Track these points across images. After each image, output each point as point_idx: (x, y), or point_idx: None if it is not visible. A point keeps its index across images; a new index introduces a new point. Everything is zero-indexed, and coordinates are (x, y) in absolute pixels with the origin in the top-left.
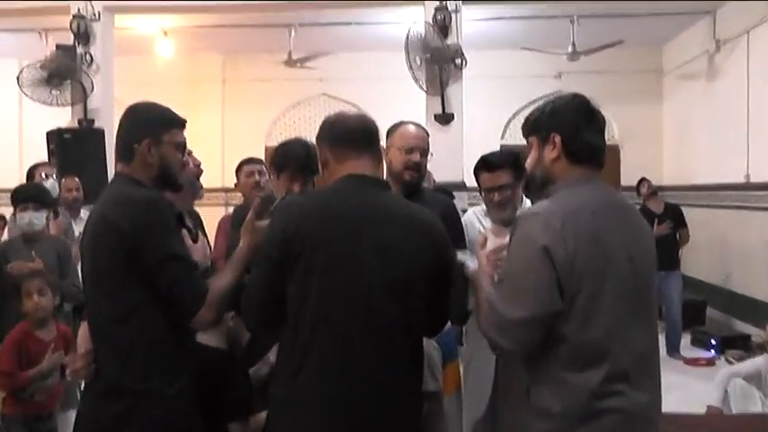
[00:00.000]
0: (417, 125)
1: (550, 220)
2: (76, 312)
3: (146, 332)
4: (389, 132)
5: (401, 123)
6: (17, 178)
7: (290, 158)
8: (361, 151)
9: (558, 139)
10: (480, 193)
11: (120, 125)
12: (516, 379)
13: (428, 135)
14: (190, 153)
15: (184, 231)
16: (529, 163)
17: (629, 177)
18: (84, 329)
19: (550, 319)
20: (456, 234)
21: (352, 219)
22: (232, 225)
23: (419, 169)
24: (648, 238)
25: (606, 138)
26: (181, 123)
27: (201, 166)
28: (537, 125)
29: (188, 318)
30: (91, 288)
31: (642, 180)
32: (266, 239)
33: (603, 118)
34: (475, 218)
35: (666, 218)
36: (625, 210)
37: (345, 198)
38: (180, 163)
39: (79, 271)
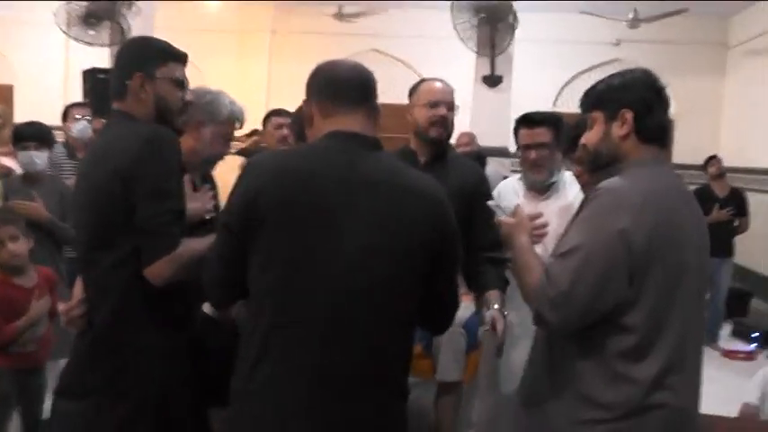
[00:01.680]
0: (442, 81)
1: (631, 198)
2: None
3: (141, 282)
4: (412, 91)
5: (423, 80)
6: (60, 117)
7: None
8: (351, 106)
9: (629, 115)
10: (518, 151)
11: (114, 61)
12: (561, 360)
13: (453, 90)
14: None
15: (186, 177)
16: (591, 138)
17: (681, 154)
18: (80, 280)
19: (611, 307)
20: (485, 205)
21: (329, 182)
22: None
23: (446, 125)
24: (706, 227)
25: None
26: (178, 57)
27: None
28: (604, 99)
29: (145, 263)
30: (85, 234)
31: (712, 158)
32: (227, 205)
33: (669, 97)
34: (511, 188)
35: (729, 203)
36: (691, 197)
37: (324, 158)
38: (178, 100)
39: None
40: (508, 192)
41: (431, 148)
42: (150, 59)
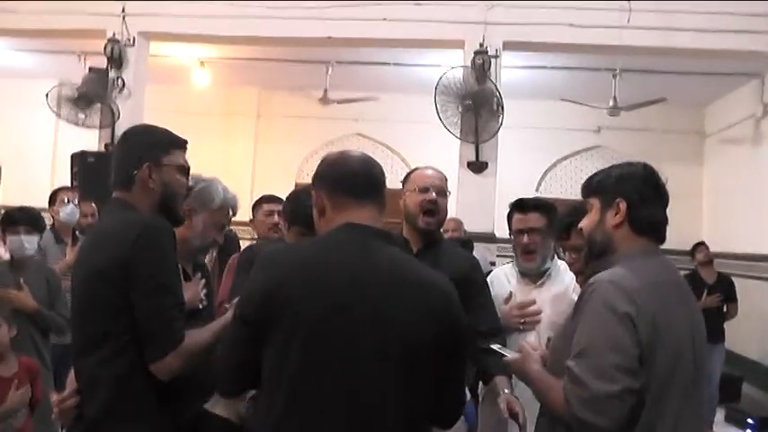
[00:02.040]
0: (434, 168)
1: (628, 288)
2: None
3: (135, 374)
4: (405, 179)
5: (416, 168)
6: (47, 199)
7: (301, 214)
8: (363, 199)
9: (623, 205)
10: (510, 236)
11: (116, 150)
12: None
13: (446, 179)
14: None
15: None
16: (587, 224)
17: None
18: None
19: (640, 390)
20: (479, 291)
21: (346, 278)
22: (238, 266)
23: (436, 210)
24: (701, 318)
25: None
26: (181, 145)
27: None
28: (602, 187)
29: (153, 358)
30: (79, 324)
31: (700, 245)
32: (244, 297)
33: (668, 193)
34: (503, 275)
35: (717, 289)
36: (686, 288)
37: (340, 252)
38: (183, 187)
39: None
40: (500, 279)
41: (422, 236)
42: (156, 148)
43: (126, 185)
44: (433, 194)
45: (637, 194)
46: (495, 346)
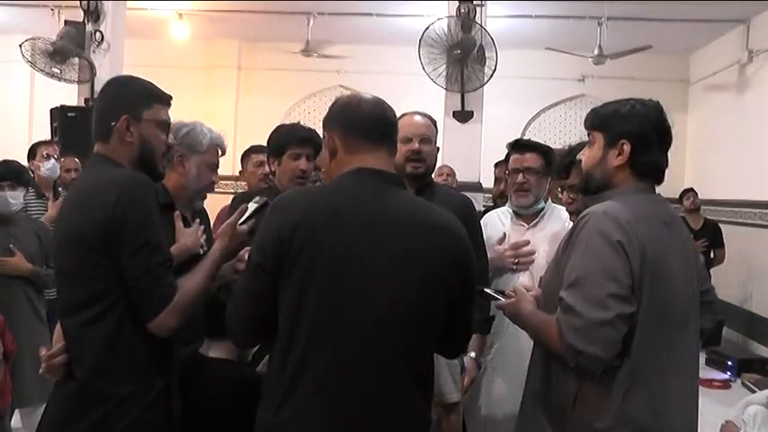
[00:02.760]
0: (421, 114)
1: (619, 218)
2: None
3: (122, 333)
4: None
5: (404, 114)
6: (25, 155)
7: (290, 134)
8: (376, 144)
9: (627, 148)
10: (506, 176)
11: (97, 101)
12: (557, 387)
13: (433, 123)
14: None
15: (176, 213)
16: (587, 159)
17: None
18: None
19: (632, 316)
20: (471, 235)
21: (360, 221)
22: (228, 215)
23: (420, 158)
24: (697, 256)
25: None
26: (165, 100)
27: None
28: (608, 123)
29: (147, 319)
30: (62, 286)
31: (688, 191)
32: (258, 243)
33: (672, 137)
34: (497, 217)
35: (703, 235)
36: (680, 224)
37: (353, 196)
38: (163, 143)
39: None
40: (494, 221)
41: (412, 180)
42: (137, 101)
43: (105, 138)
44: (416, 144)
45: (642, 138)
46: (488, 290)
